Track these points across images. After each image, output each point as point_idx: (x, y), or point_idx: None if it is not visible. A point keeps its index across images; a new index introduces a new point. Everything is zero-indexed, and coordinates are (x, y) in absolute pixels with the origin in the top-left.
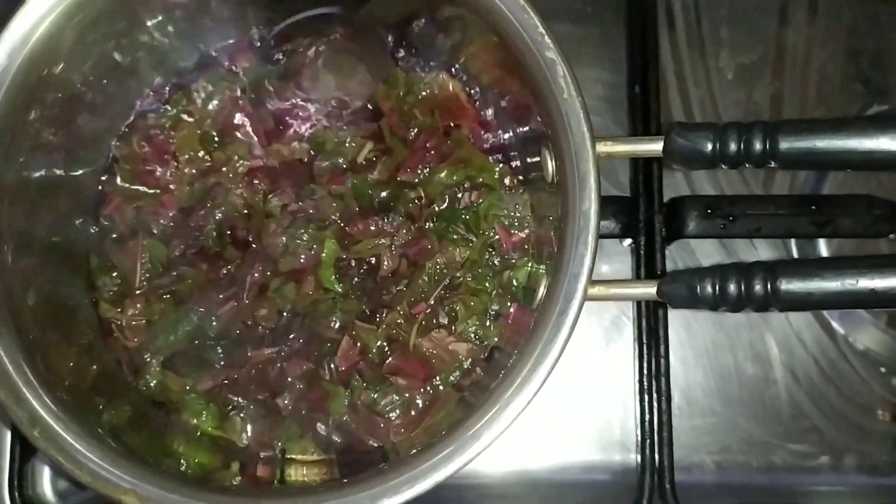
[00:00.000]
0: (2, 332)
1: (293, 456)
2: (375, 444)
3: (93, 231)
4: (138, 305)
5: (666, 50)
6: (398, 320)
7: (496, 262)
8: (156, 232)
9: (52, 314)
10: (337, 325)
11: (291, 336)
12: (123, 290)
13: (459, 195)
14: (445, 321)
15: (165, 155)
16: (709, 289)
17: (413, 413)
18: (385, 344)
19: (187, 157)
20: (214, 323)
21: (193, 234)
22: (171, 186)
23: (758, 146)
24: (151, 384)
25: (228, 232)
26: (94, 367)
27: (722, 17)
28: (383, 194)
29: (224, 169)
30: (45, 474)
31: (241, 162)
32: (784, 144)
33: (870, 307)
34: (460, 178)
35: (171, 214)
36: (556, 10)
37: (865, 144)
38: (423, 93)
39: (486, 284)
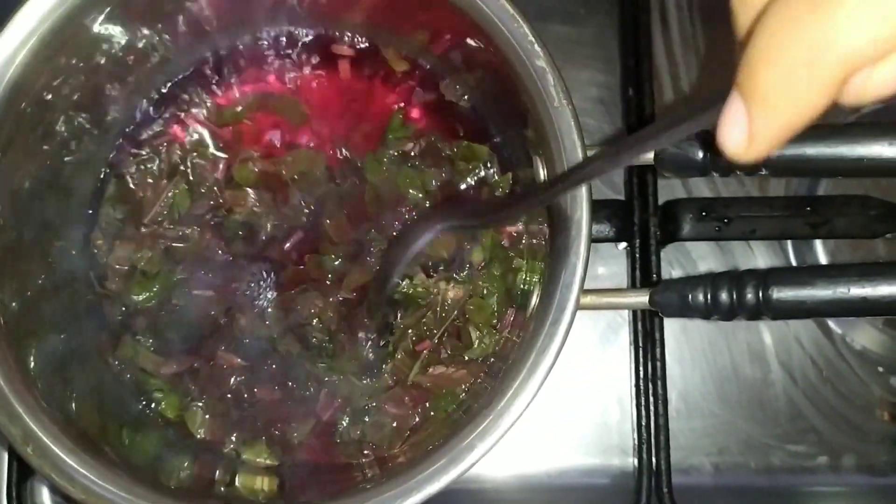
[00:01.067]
0: None
1: (245, 458)
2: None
3: (118, 154)
4: (128, 249)
5: (660, 51)
6: (398, 357)
7: (499, 270)
8: (192, 179)
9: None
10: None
11: (268, 362)
12: (122, 229)
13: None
14: (449, 353)
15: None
16: (700, 298)
17: (399, 435)
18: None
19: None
20: (184, 302)
21: (222, 207)
22: (237, 160)
23: None
24: (127, 357)
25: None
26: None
27: (717, 17)
28: None
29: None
30: (45, 485)
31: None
32: (774, 152)
33: (861, 315)
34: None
35: (216, 177)
36: (549, 11)
37: (856, 151)
38: None
39: (496, 285)
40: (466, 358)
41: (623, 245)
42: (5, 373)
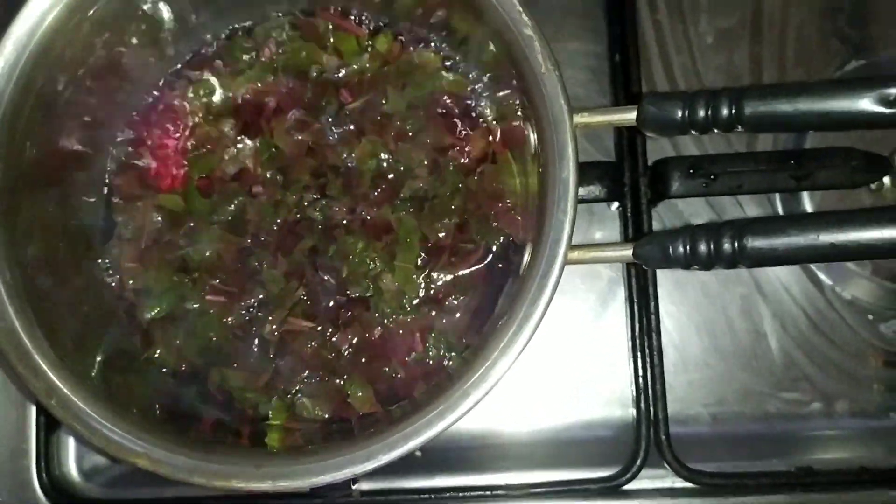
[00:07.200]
0: (18, 310)
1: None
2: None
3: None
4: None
5: (646, 17)
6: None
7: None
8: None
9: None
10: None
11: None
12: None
13: None
14: None
15: None
16: (680, 249)
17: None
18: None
19: None
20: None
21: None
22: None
23: (724, 112)
24: (216, 381)
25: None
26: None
27: None
28: None
29: None
30: (71, 455)
31: None
32: (748, 109)
33: (830, 261)
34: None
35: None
36: None
37: (827, 105)
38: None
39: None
40: None
41: (616, 205)
42: (30, 332)
